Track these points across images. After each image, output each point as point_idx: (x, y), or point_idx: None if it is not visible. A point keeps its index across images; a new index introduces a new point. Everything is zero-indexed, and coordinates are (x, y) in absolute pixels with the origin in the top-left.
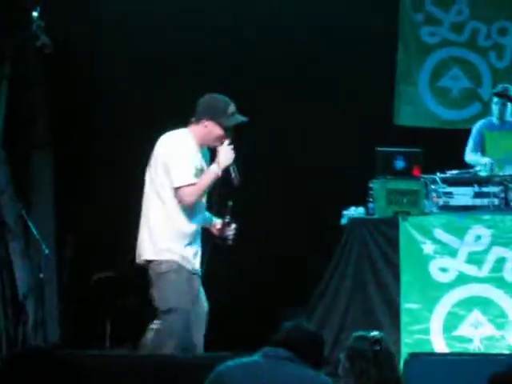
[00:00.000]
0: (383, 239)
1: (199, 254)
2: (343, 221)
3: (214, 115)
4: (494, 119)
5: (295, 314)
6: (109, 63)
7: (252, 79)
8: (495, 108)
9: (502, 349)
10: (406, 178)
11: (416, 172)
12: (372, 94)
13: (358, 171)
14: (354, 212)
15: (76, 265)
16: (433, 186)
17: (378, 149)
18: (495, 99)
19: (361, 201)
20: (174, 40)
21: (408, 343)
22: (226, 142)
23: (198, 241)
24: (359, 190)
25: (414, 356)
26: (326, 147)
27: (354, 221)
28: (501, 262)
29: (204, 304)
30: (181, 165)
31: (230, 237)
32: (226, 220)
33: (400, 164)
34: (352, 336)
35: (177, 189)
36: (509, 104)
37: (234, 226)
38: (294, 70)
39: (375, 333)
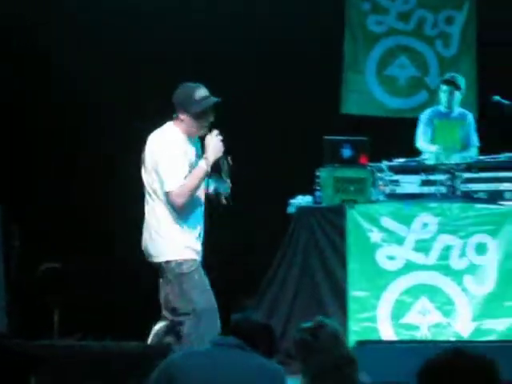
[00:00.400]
0: (330, 227)
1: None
2: (290, 209)
3: (185, 106)
4: (442, 108)
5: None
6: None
7: None
8: (443, 96)
9: (449, 336)
10: (352, 167)
11: (363, 160)
12: (319, 82)
13: (305, 160)
14: (301, 200)
15: (23, 255)
16: (379, 174)
17: (325, 137)
18: (443, 87)
19: (308, 189)
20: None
21: (356, 331)
22: (215, 132)
23: (202, 231)
24: (306, 178)
25: (361, 344)
26: (273, 136)
27: (301, 209)
28: (448, 249)
29: None
30: (171, 166)
31: (224, 195)
32: (223, 175)
33: (347, 152)
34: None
35: (167, 193)
36: (456, 92)
37: (228, 182)
38: (242, 59)
39: (318, 318)
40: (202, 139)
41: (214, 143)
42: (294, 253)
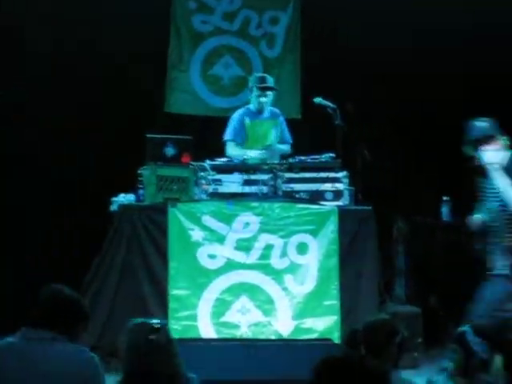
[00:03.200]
0: (153, 226)
1: None
2: (113, 207)
3: None
4: (253, 107)
5: None
6: None
7: None
8: (254, 96)
9: (269, 334)
10: (175, 165)
11: (186, 159)
12: (143, 80)
13: (128, 158)
14: (124, 199)
15: None
16: (202, 174)
17: (148, 135)
18: (254, 88)
19: (130, 187)
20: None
21: (176, 329)
22: None
23: None
24: (129, 176)
25: (180, 342)
26: (96, 133)
27: (123, 207)
28: (269, 249)
29: None
30: None
31: None
32: None
33: (170, 151)
34: (131, 322)
35: None
36: (268, 92)
37: None
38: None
39: (154, 321)
40: None
41: None
42: (116, 250)
